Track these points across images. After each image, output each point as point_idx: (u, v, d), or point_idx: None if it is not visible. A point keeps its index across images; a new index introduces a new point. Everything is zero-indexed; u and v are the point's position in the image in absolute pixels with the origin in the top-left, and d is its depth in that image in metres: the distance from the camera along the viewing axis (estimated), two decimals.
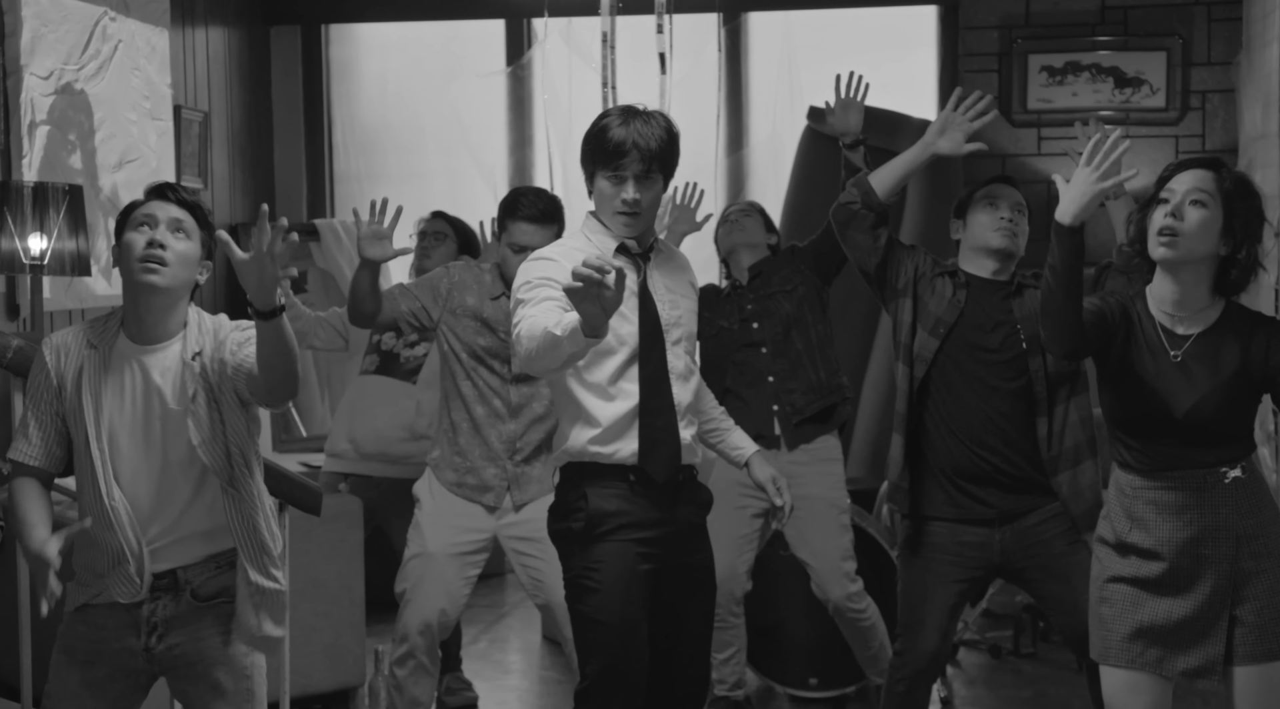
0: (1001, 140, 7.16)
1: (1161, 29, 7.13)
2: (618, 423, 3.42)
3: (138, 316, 3.15)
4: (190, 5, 6.99)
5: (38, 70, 5.64)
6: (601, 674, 3.42)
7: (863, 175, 4.11)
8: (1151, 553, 3.33)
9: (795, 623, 5.21)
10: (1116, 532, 3.39)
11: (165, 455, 3.12)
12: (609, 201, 3.43)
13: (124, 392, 3.12)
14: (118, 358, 3.13)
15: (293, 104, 7.88)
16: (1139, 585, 3.35)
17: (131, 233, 3.14)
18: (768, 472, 3.77)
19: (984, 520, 3.95)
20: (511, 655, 6.00)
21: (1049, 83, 7.19)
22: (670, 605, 3.50)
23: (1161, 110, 7.13)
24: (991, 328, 3.97)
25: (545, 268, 3.36)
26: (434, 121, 7.78)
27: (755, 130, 7.61)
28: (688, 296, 3.59)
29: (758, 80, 7.62)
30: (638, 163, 3.38)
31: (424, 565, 4.40)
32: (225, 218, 7.30)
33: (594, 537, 3.42)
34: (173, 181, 3.37)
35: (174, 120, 6.71)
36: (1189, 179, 3.32)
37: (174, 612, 3.15)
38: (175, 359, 3.14)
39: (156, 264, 3.09)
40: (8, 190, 4.83)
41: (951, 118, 4.03)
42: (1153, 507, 3.33)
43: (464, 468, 4.41)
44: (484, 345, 4.38)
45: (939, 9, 7.46)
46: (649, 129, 3.39)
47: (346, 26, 7.94)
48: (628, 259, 3.46)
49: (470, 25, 7.81)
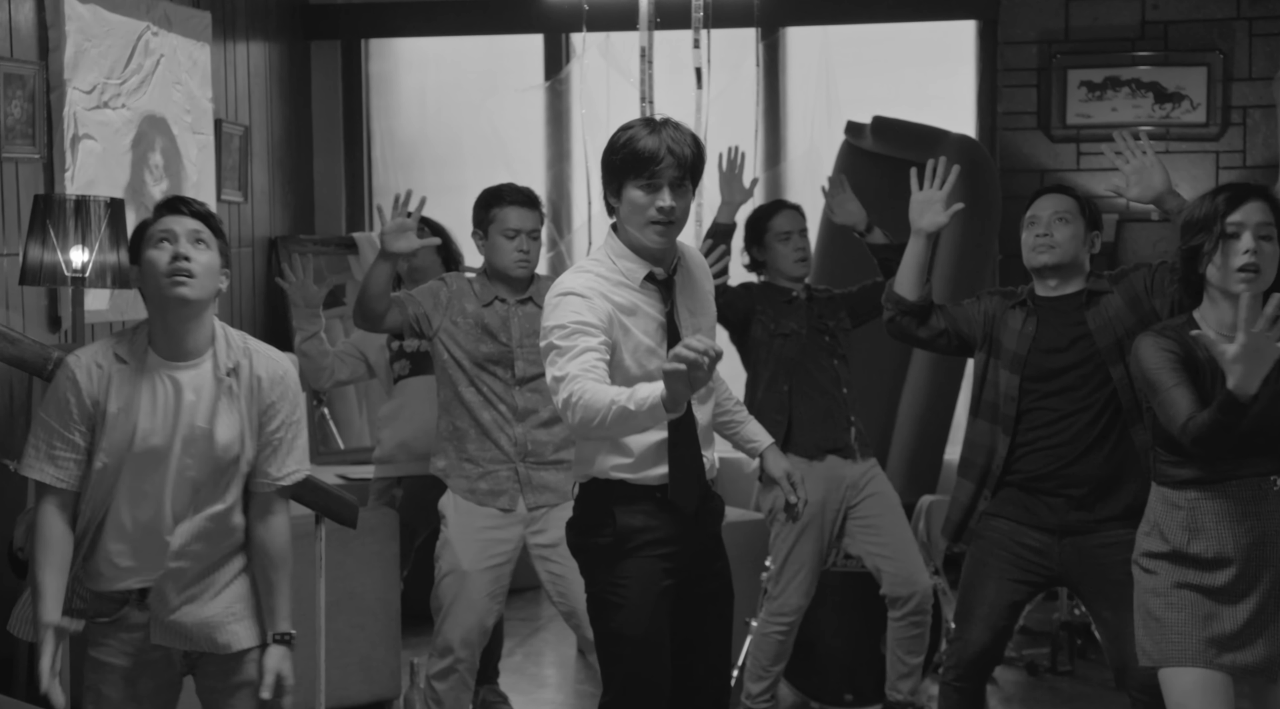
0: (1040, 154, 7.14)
1: (1202, 44, 7.09)
2: (648, 452, 3.40)
3: (168, 332, 3.14)
4: (232, 20, 7.04)
5: (81, 85, 5.69)
6: (625, 689, 3.43)
7: (889, 288, 4.14)
8: (1217, 561, 3.38)
9: (831, 639, 5.19)
10: (1173, 544, 3.41)
11: (191, 471, 3.14)
12: (642, 212, 3.34)
13: (156, 408, 3.12)
14: (149, 374, 3.13)
15: (332, 118, 7.92)
16: (1205, 593, 3.39)
17: (152, 250, 3.13)
18: (783, 466, 3.78)
19: (1048, 527, 3.97)
20: (547, 669, 6.00)
21: (1088, 98, 7.16)
22: (691, 618, 3.50)
23: (1202, 126, 7.09)
24: (1067, 345, 3.96)
25: (578, 308, 3.30)
26: (472, 136, 7.80)
27: (793, 145, 7.60)
28: (706, 313, 3.54)
29: (795, 95, 7.62)
30: (673, 169, 3.31)
31: (458, 582, 4.43)
32: (265, 232, 7.35)
33: (621, 552, 3.41)
34: (183, 194, 3.39)
35: (215, 134, 6.76)
36: (1255, 213, 3.35)
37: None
38: (208, 376, 3.15)
39: (185, 276, 3.09)
40: (50, 203, 4.87)
41: (920, 197, 4.08)
42: (1213, 516, 3.38)
43: (475, 474, 4.44)
44: (486, 352, 4.41)
45: (978, 24, 7.44)
46: (680, 136, 3.34)
47: (386, 41, 7.98)
48: (655, 288, 3.41)
49: (509, 40, 7.84)
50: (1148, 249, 6.92)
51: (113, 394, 3.10)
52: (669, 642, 3.45)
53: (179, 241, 3.12)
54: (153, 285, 3.12)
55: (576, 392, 3.14)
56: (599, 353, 3.22)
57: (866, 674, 5.18)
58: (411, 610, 5.34)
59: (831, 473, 4.85)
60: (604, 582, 3.43)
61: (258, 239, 7.27)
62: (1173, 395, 3.31)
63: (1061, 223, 4.01)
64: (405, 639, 5.24)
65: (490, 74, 7.86)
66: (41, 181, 5.53)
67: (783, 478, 3.74)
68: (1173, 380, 3.32)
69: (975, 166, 6.68)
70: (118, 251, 4.93)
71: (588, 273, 3.41)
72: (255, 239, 7.25)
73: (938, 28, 7.49)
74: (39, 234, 4.84)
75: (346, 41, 7.93)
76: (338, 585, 4.78)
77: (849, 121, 7.12)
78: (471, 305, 4.44)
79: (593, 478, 3.46)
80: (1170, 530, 3.42)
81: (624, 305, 3.37)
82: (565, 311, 3.30)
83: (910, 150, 6.96)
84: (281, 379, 3.23)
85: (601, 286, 3.35)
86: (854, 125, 7.09)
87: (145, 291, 3.17)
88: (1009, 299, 4.10)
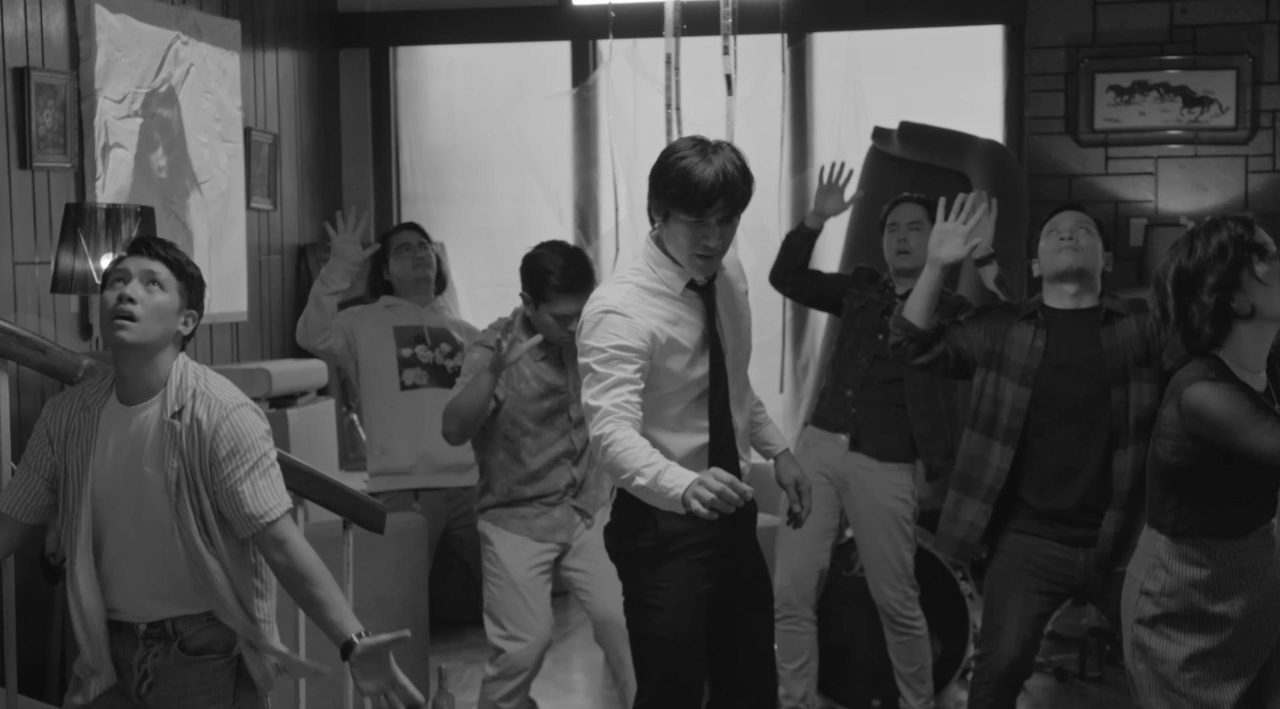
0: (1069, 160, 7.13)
1: (1231, 47, 7.06)
2: (688, 457, 3.41)
3: (120, 375, 3.09)
4: (261, 29, 7.08)
5: (111, 94, 5.73)
6: (660, 691, 3.46)
7: (898, 313, 4.09)
8: (1238, 619, 3.29)
9: (859, 645, 5.19)
10: (1192, 606, 3.31)
11: (143, 516, 3.06)
12: (689, 245, 3.36)
13: (107, 453, 3.07)
14: (106, 419, 3.08)
15: (361, 126, 7.96)
16: (1227, 656, 3.31)
17: (106, 291, 3.06)
18: (793, 472, 3.76)
19: (1069, 540, 3.96)
20: (575, 674, 6.01)
21: (1116, 102, 7.14)
22: (730, 622, 3.53)
23: (1231, 129, 7.06)
24: (1082, 360, 3.93)
25: (619, 330, 3.31)
26: (500, 143, 7.83)
27: (820, 151, 7.59)
28: (744, 315, 3.58)
29: (822, 101, 7.62)
30: (724, 210, 3.33)
31: (513, 597, 4.39)
32: (294, 239, 7.38)
33: (662, 556, 3.44)
34: (150, 236, 3.28)
35: (244, 142, 6.80)
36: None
37: (163, 661, 3.11)
38: (155, 418, 3.05)
39: (125, 319, 3.00)
40: (81, 212, 4.91)
41: (944, 227, 4.03)
42: (1239, 572, 3.30)
43: (532, 515, 4.42)
44: (548, 407, 4.37)
45: (1005, 29, 7.43)
46: (734, 172, 3.32)
47: (414, 49, 8.01)
48: (697, 295, 3.44)
49: (536, 47, 7.86)
50: None
51: (67, 438, 3.08)
52: (706, 644, 3.49)
53: (130, 282, 3.04)
54: (101, 327, 3.09)
55: (609, 436, 3.22)
56: (634, 384, 3.28)
57: (893, 680, 5.17)
58: (440, 615, 5.34)
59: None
60: (645, 585, 3.46)
61: (287, 246, 7.31)
62: (1269, 425, 3.16)
63: (1085, 232, 4.00)
64: (433, 645, 5.25)
65: (518, 81, 7.88)
66: (73, 190, 5.57)
67: (790, 485, 3.73)
68: (1260, 416, 3.17)
69: (1003, 171, 6.68)
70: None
71: (628, 284, 3.42)
72: (285, 246, 7.29)
73: (965, 33, 7.48)
74: (70, 242, 4.87)
75: (375, 49, 7.96)
76: (365, 591, 4.79)
77: (876, 127, 7.12)
78: (529, 367, 4.35)
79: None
80: (1192, 593, 3.31)
81: (666, 316, 3.39)
82: (604, 333, 3.32)
83: (937, 156, 6.96)
84: (221, 423, 3.05)
85: (642, 300, 3.38)
86: (881, 131, 7.09)
87: (101, 335, 3.15)
88: (1013, 313, 4.06)
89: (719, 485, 3.02)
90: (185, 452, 3.03)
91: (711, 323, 3.44)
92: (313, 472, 3.76)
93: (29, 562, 4.86)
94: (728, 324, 3.49)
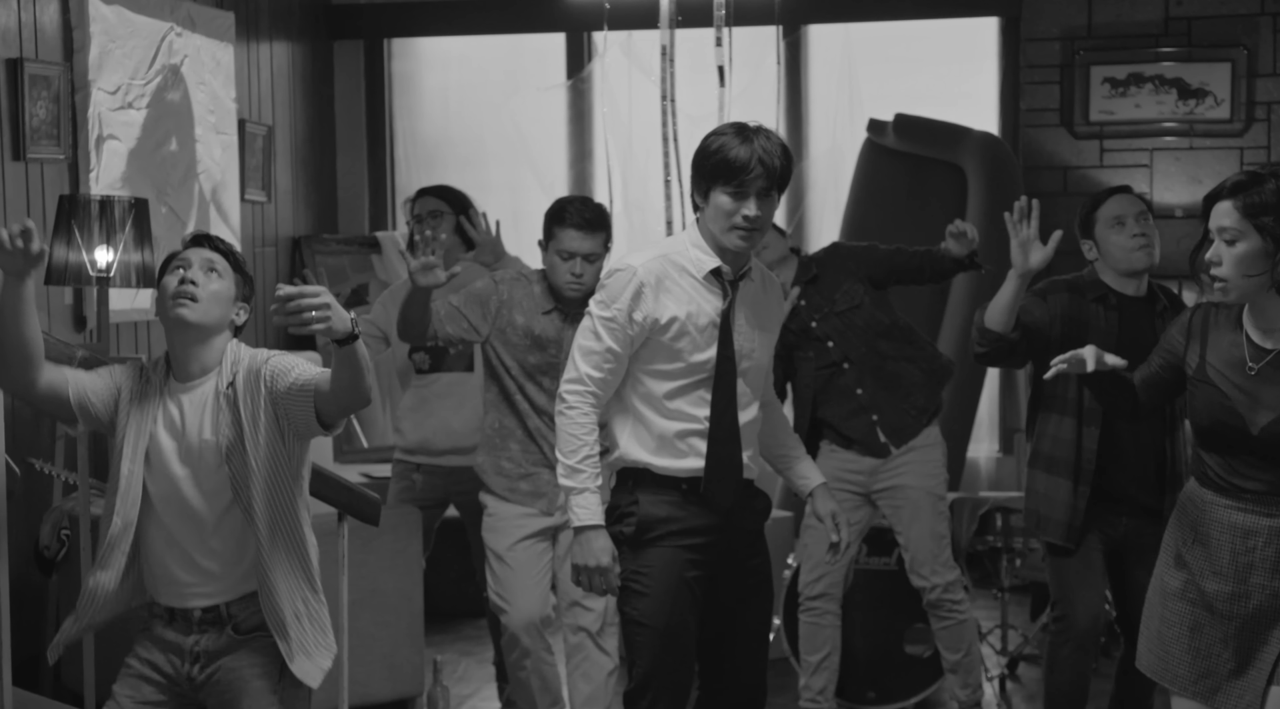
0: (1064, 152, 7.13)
1: (1226, 40, 7.06)
2: (665, 438, 3.48)
3: (176, 355, 3.29)
4: (255, 20, 7.07)
5: (105, 85, 5.72)
6: (647, 676, 3.49)
7: (979, 322, 4.14)
8: (1209, 573, 3.31)
9: (854, 637, 5.18)
10: (1177, 543, 3.40)
11: (197, 486, 3.22)
12: (727, 217, 3.41)
13: (163, 430, 3.24)
14: (165, 393, 3.27)
15: (355, 118, 7.95)
16: (1197, 605, 3.34)
17: (167, 277, 3.28)
18: (830, 506, 3.73)
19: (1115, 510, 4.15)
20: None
21: (1111, 94, 7.14)
22: (724, 611, 3.55)
23: (1226, 122, 7.06)
24: (1146, 348, 3.91)
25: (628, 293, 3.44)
26: (495, 135, 7.82)
27: (815, 143, 7.60)
28: (768, 330, 3.60)
29: (817, 93, 7.62)
30: (761, 180, 3.38)
31: (505, 569, 4.45)
32: (288, 231, 7.37)
33: (644, 541, 3.48)
34: (207, 233, 3.46)
35: (238, 134, 6.78)
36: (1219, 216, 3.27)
37: (216, 645, 3.24)
38: (210, 393, 3.26)
39: (188, 299, 3.22)
40: (75, 204, 4.89)
41: (1020, 239, 4.02)
42: (1217, 525, 3.31)
43: (516, 474, 4.46)
44: (534, 363, 4.41)
45: (1000, 21, 7.43)
46: (771, 147, 3.40)
47: (408, 41, 8.00)
48: (717, 283, 3.48)
49: (531, 39, 7.85)
50: (1171, 245, 6.88)
51: (129, 406, 3.26)
52: (693, 632, 3.50)
53: (191, 268, 3.27)
54: (161, 308, 3.28)
55: (570, 409, 3.49)
56: (617, 359, 3.47)
57: (890, 672, 5.17)
58: (435, 607, 5.34)
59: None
60: (629, 570, 3.50)
61: (281, 238, 7.30)
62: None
63: (1146, 221, 4.08)
64: (428, 637, 5.25)
65: (512, 73, 7.87)
66: (66, 182, 5.56)
67: (828, 517, 3.71)
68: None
69: (998, 164, 6.68)
70: (142, 251, 4.95)
71: (657, 252, 3.54)
72: (279, 239, 7.28)
73: (960, 24, 7.48)
74: (64, 234, 4.86)
75: (369, 41, 7.95)
76: (361, 583, 4.80)
77: (871, 119, 7.12)
78: (523, 317, 4.40)
79: (624, 465, 3.54)
80: (1180, 528, 3.40)
81: (683, 292, 3.46)
82: (616, 288, 3.46)
83: (932, 148, 6.96)
84: (266, 361, 3.27)
85: (665, 270, 3.46)
86: (876, 123, 7.08)
87: (159, 315, 3.33)
88: (1081, 293, 4.12)
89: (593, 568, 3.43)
90: (245, 409, 3.21)
91: (727, 314, 3.47)
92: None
93: (23, 554, 4.86)
94: (745, 326, 3.51)
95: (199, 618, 3.23)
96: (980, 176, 6.61)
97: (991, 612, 6.17)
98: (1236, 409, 3.24)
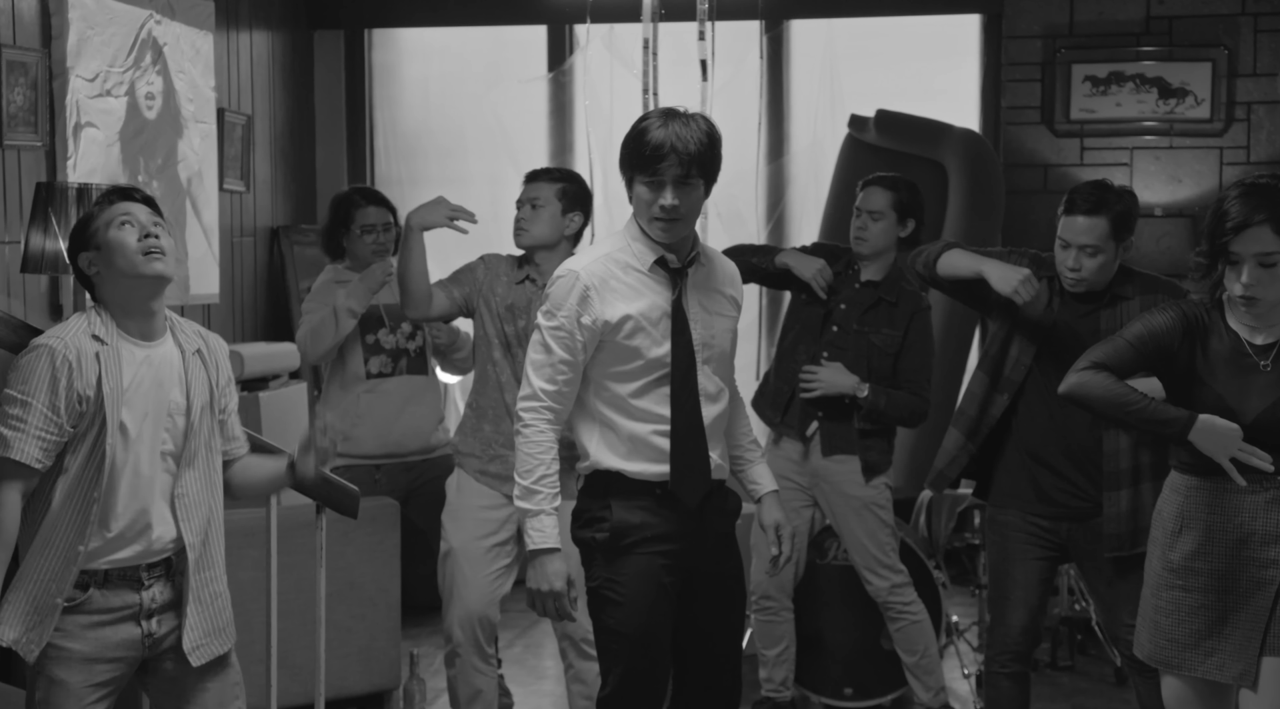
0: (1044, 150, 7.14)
1: (1207, 39, 7.07)
2: (636, 441, 3.41)
3: (137, 311, 3.18)
4: (235, 9, 7.03)
5: (83, 73, 5.68)
6: (622, 683, 3.43)
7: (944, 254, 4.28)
8: (1200, 554, 3.40)
9: (832, 633, 5.19)
10: (1167, 532, 3.47)
11: (167, 446, 3.20)
12: (646, 207, 3.37)
13: (138, 387, 3.16)
14: (126, 354, 3.16)
15: (335, 108, 7.92)
16: (1191, 591, 3.41)
17: (115, 232, 3.16)
18: (775, 516, 3.63)
19: (1050, 515, 4.12)
20: (546, 660, 5.99)
21: (1092, 93, 7.15)
22: (698, 615, 3.50)
23: (1206, 122, 7.07)
24: (1074, 340, 3.99)
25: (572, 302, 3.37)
26: (475, 127, 7.79)
27: (796, 138, 7.59)
28: (725, 315, 3.53)
29: (799, 88, 7.61)
30: (676, 167, 3.30)
31: (453, 563, 4.48)
32: (267, 221, 7.34)
33: (618, 549, 3.41)
34: (127, 185, 3.43)
35: (217, 123, 6.75)
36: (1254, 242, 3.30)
37: (169, 597, 3.22)
38: (175, 353, 3.23)
39: (159, 252, 3.15)
40: (52, 192, 4.86)
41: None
42: (1205, 507, 3.40)
43: (488, 455, 4.46)
44: (511, 332, 4.43)
45: (982, 18, 7.43)
46: (688, 132, 3.31)
47: (389, 31, 7.97)
48: (664, 273, 3.43)
49: (512, 31, 7.82)
50: (1151, 245, 6.91)
51: (102, 376, 3.11)
52: (668, 638, 3.46)
53: (141, 223, 3.17)
54: (124, 264, 3.14)
55: (526, 427, 3.41)
56: (571, 368, 3.39)
57: (867, 668, 5.18)
58: (412, 600, 5.33)
59: None
60: (602, 577, 3.44)
61: (260, 228, 7.27)
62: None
63: (1089, 255, 4.00)
64: (405, 630, 5.24)
65: (494, 65, 7.84)
66: (43, 169, 5.52)
67: (771, 528, 3.62)
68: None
69: (979, 161, 6.68)
70: None
71: (599, 253, 3.47)
72: (258, 228, 7.24)
73: (942, 21, 7.47)
74: (41, 222, 4.83)
75: (350, 31, 7.92)
76: (338, 576, 4.78)
77: (852, 115, 7.11)
78: (501, 287, 4.48)
79: (595, 469, 3.46)
80: (1169, 518, 3.48)
81: (630, 289, 3.40)
82: (559, 295, 3.40)
83: (914, 144, 6.96)
84: (222, 359, 3.34)
85: (609, 271, 3.40)
86: (857, 118, 7.08)
87: (106, 275, 3.18)
88: (1040, 267, 4.14)
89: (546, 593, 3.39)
90: (211, 379, 3.27)
91: (678, 304, 3.41)
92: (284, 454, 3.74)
93: None
94: (701, 313, 3.45)
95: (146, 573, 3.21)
96: (961, 173, 6.61)
97: (969, 609, 6.18)
98: (1227, 402, 3.37)
